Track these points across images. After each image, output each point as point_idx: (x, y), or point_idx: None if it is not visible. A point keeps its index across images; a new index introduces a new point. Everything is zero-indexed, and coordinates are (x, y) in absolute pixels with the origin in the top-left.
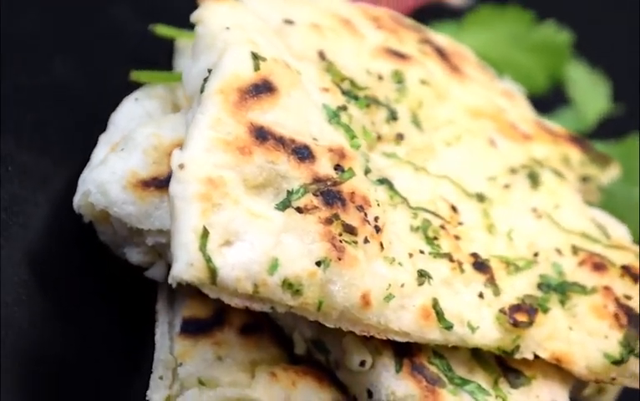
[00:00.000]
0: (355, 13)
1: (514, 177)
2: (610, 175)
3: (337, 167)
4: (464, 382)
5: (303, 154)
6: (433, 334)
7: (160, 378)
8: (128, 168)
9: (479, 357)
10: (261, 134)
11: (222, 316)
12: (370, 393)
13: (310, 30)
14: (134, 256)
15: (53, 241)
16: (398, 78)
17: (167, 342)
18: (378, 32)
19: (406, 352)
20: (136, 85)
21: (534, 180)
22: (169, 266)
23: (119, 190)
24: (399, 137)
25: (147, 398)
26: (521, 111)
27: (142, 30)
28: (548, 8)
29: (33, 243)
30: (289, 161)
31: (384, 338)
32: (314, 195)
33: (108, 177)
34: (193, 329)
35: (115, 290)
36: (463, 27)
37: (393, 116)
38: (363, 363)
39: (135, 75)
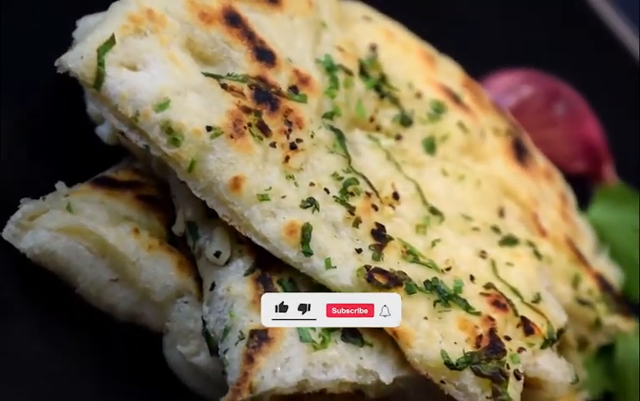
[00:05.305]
0: (450, 68)
1: (489, 231)
2: (615, 322)
3: (293, 88)
4: None
5: (265, 55)
6: (289, 252)
7: (43, 199)
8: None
9: None
10: (233, 19)
11: (133, 186)
12: (213, 286)
13: (380, 33)
14: (90, 107)
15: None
16: (437, 108)
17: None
18: (458, 86)
19: (264, 265)
20: None
21: (507, 242)
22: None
23: None
24: (397, 137)
25: (18, 205)
26: (565, 231)
27: None
28: None
29: (22, 94)
30: (246, 53)
31: (243, 234)
32: (249, 86)
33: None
34: (101, 183)
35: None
36: (594, 198)
37: (403, 121)
38: (218, 254)
39: None
